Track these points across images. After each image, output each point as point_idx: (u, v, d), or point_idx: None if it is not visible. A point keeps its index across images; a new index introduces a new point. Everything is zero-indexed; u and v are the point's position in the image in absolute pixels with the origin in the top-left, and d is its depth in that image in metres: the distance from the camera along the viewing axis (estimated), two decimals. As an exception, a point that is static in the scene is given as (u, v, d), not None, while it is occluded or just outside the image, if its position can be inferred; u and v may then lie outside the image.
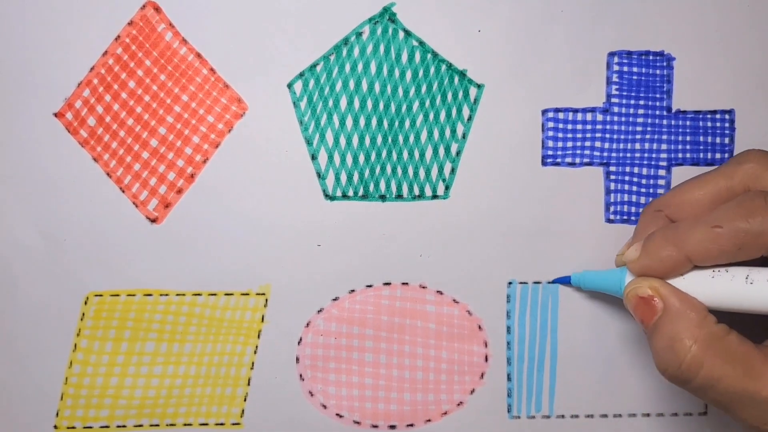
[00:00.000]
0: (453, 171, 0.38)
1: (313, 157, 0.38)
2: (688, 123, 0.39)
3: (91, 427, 0.38)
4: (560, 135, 0.39)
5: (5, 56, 0.36)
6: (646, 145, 0.39)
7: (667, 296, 0.32)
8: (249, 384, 0.38)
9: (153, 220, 0.38)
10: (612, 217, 0.39)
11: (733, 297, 0.32)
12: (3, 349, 0.38)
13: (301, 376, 0.38)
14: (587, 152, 0.39)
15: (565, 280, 0.38)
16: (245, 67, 0.37)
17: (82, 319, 0.38)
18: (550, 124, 0.38)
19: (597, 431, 0.39)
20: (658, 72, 0.38)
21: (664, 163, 0.39)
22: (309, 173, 0.38)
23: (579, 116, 0.39)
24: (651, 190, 0.39)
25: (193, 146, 0.38)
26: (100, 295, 0.38)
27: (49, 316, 0.38)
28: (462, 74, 0.38)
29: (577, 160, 0.39)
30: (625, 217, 0.39)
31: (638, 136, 0.39)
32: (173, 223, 0.38)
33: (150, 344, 0.38)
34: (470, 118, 0.38)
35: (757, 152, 0.34)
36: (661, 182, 0.39)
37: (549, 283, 0.39)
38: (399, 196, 0.38)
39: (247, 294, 0.38)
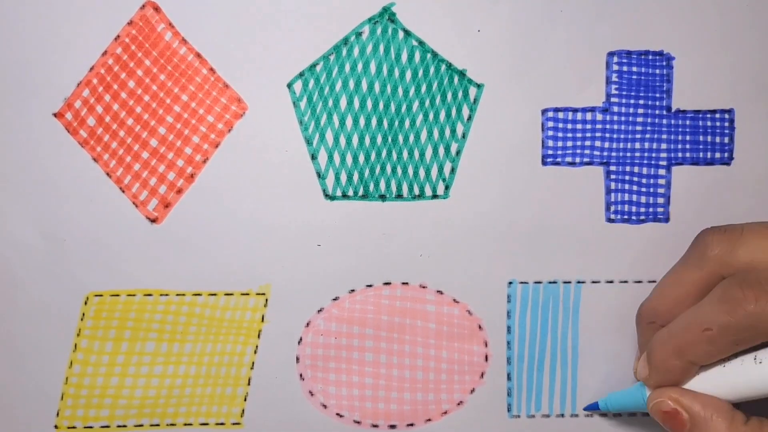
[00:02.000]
0: (453, 171, 0.38)
1: (313, 157, 0.38)
2: (687, 122, 0.39)
3: (91, 427, 0.38)
4: (560, 134, 0.39)
5: (5, 56, 0.36)
6: (646, 145, 0.39)
7: (689, 406, 0.33)
8: (249, 384, 0.38)
9: (153, 220, 0.38)
10: (612, 216, 0.39)
11: (749, 382, 0.32)
12: (3, 349, 0.38)
13: (301, 375, 0.38)
14: (587, 152, 0.39)
15: (594, 407, 0.39)
16: (245, 66, 0.37)
17: (82, 319, 0.38)
18: (550, 124, 0.38)
19: (597, 430, 0.39)
20: (657, 71, 0.38)
21: (664, 163, 0.39)
22: (309, 173, 0.38)
23: (579, 116, 0.39)
24: (651, 190, 0.39)
25: (193, 146, 0.38)
26: (100, 295, 0.38)
27: (49, 316, 0.38)
28: (462, 74, 0.38)
29: (577, 160, 0.39)
30: (625, 217, 0.39)
31: (638, 136, 0.39)
32: (173, 223, 0.38)
33: (150, 344, 0.38)
34: (470, 118, 0.38)
35: (713, 233, 0.34)
36: (662, 182, 0.39)
37: (583, 410, 0.39)
38: (399, 196, 0.38)
39: (247, 294, 0.38)
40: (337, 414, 0.39)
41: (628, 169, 0.39)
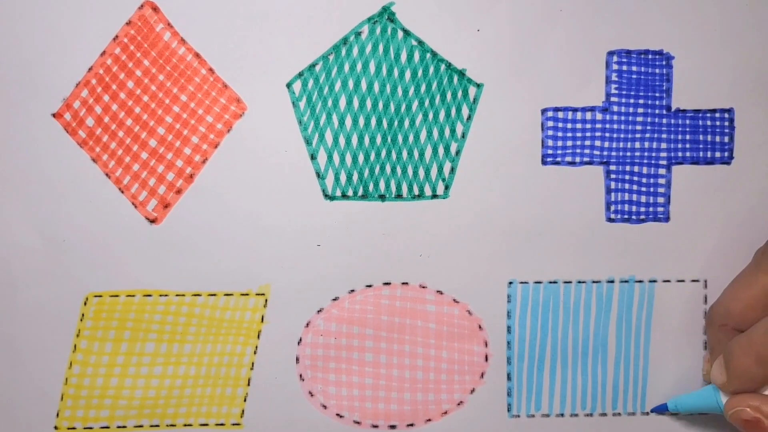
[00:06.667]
0: (453, 170, 0.38)
1: (313, 157, 0.38)
2: (687, 122, 0.39)
3: (91, 428, 0.38)
4: (560, 134, 0.38)
5: (4, 56, 0.36)
6: (646, 144, 0.39)
7: None
8: (249, 384, 0.38)
9: (152, 221, 0.38)
10: (612, 216, 0.39)
11: None
12: (3, 349, 0.38)
13: (301, 376, 0.38)
14: (587, 151, 0.39)
15: (662, 408, 0.39)
16: (244, 66, 0.37)
17: (81, 320, 0.38)
18: (550, 123, 0.38)
19: (596, 430, 0.39)
20: (657, 71, 0.38)
21: (664, 162, 0.39)
22: (308, 173, 0.38)
23: (579, 115, 0.39)
24: (651, 189, 0.39)
25: (192, 146, 0.37)
26: (100, 296, 0.38)
27: (49, 317, 0.38)
28: (461, 73, 0.38)
29: (577, 159, 0.39)
30: (625, 216, 0.39)
31: (638, 135, 0.39)
32: (172, 224, 0.38)
33: (150, 345, 0.38)
34: (470, 118, 0.38)
35: None
36: (662, 181, 0.39)
37: (650, 412, 0.39)
38: (399, 196, 0.38)
39: (247, 294, 0.38)
40: (337, 414, 0.39)
41: (628, 168, 0.39)
